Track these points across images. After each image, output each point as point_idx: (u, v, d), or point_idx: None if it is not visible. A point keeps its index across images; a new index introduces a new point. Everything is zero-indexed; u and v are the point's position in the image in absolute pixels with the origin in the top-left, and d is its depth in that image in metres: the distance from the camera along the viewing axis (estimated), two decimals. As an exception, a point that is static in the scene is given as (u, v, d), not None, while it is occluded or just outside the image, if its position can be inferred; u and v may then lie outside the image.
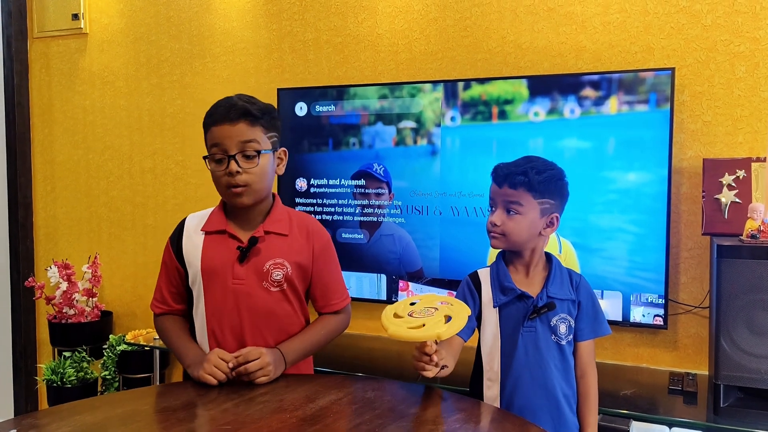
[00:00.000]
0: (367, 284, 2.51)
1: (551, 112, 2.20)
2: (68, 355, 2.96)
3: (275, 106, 2.56)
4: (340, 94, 2.53)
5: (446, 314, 1.35)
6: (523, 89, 2.24)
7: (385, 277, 2.48)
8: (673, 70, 2.06)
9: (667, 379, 2.10)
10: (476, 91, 2.31)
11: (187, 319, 1.59)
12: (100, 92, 3.19)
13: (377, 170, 2.47)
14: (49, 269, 3.02)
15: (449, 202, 2.37)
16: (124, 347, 2.87)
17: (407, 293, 2.44)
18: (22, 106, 3.30)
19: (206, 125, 1.50)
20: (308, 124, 2.58)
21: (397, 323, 1.34)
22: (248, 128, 1.46)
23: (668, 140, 2.05)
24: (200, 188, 2.98)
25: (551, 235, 1.54)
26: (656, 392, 2.02)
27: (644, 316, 2.12)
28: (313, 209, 2.59)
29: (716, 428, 1.77)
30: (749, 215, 1.84)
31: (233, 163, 1.44)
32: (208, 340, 1.51)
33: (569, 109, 2.18)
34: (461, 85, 2.33)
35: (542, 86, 2.22)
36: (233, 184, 1.45)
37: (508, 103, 2.26)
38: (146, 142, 3.10)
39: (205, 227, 1.54)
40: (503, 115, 2.27)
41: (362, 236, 2.52)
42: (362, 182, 2.50)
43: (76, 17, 3.17)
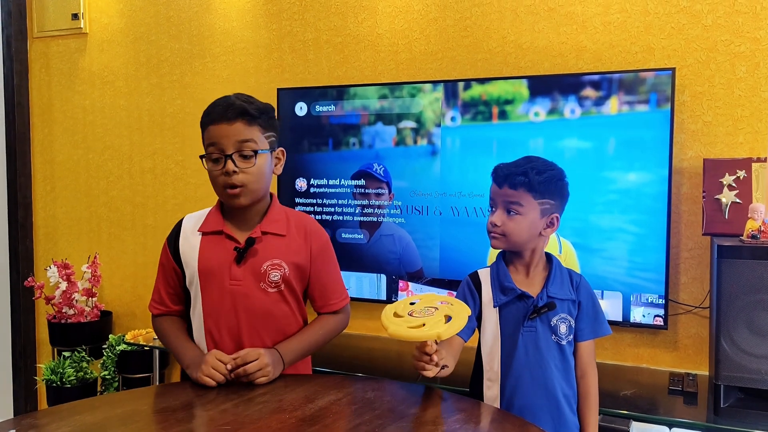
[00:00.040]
0: (366, 284, 2.50)
1: (551, 112, 2.20)
2: (68, 355, 2.96)
3: (275, 106, 2.57)
4: (340, 94, 2.52)
5: (446, 314, 1.35)
6: (523, 89, 2.24)
7: (384, 277, 2.48)
8: (673, 70, 2.06)
9: (667, 379, 2.10)
10: (476, 91, 2.30)
11: (185, 319, 1.58)
12: (99, 92, 3.19)
13: (377, 170, 2.47)
14: (48, 269, 3.01)
15: (449, 202, 2.36)
16: (123, 347, 2.87)
17: (407, 293, 2.44)
18: (21, 105, 3.30)
19: (203, 124, 1.49)
20: (308, 124, 2.57)
21: (397, 323, 1.34)
22: (245, 128, 1.45)
23: (669, 140, 2.05)
24: (200, 188, 2.98)
25: (551, 235, 1.54)
26: (656, 392, 2.02)
27: (644, 316, 2.12)
28: (312, 209, 2.58)
29: (716, 429, 1.77)
30: (750, 215, 1.84)
31: (230, 162, 1.44)
32: (205, 340, 1.51)
33: (570, 109, 2.18)
34: (461, 85, 2.33)
35: (543, 86, 2.21)
36: (230, 183, 1.45)
37: (508, 103, 2.26)
38: (146, 142, 3.10)
39: (202, 228, 1.54)
40: (503, 115, 2.27)
41: (362, 236, 2.51)
42: (362, 182, 2.50)
43: (75, 17, 3.17)
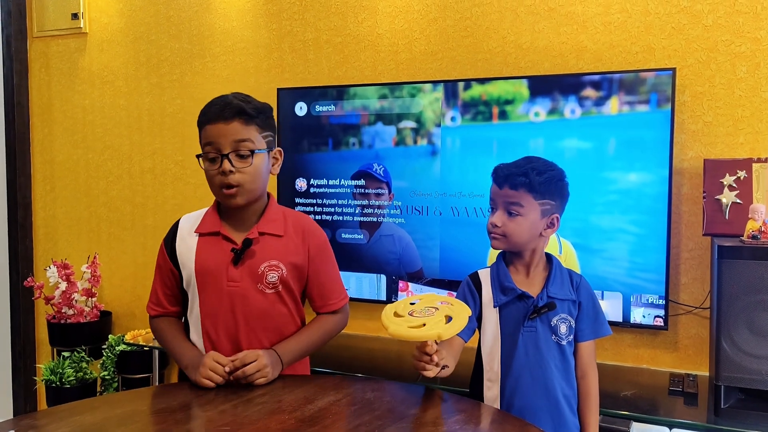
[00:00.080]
0: (366, 285, 2.50)
1: (552, 112, 2.20)
2: (67, 355, 2.95)
3: (275, 105, 2.58)
4: (340, 94, 2.52)
5: (447, 314, 1.35)
6: (523, 89, 2.24)
7: (384, 277, 2.48)
8: (674, 70, 2.06)
9: (667, 380, 2.09)
10: (476, 91, 2.30)
11: (182, 320, 1.58)
12: (99, 92, 3.19)
13: (377, 170, 2.46)
14: (48, 269, 3.01)
15: (449, 202, 2.36)
16: (123, 347, 2.87)
17: (407, 294, 2.44)
18: (21, 105, 3.30)
19: (200, 123, 1.48)
20: (308, 124, 2.57)
21: (397, 322, 1.34)
22: (242, 127, 1.44)
23: (669, 141, 2.05)
24: (200, 188, 2.98)
25: (551, 235, 1.54)
26: (657, 393, 2.02)
27: (644, 316, 2.11)
28: (312, 209, 2.58)
29: (717, 429, 1.77)
30: (750, 216, 1.84)
31: (226, 162, 1.43)
32: (203, 342, 1.50)
33: (570, 109, 2.17)
34: (461, 85, 2.33)
35: (543, 86, 2.21)
36: (226, 183, 1.44)
37: (508, 103, 2.25)
38: (146, 141, 3.10)
39: (198, 229, 1.53)
40: (504, 115, 2.26)
41: (362, 236, 2.51)
42: (362, 182, 2.50)
43: (75, 17, 3.17)
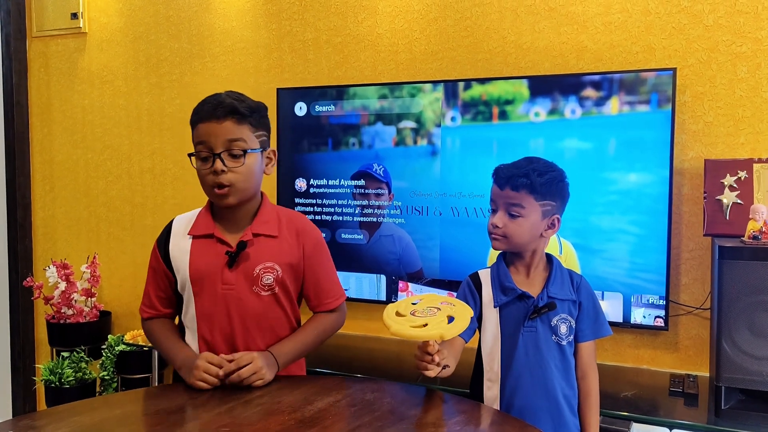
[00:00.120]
0: (366, 285, 2.50)
1: (552, 112, 2.19)
2: (66, 355, 2.94)
3: (275, 106, 2.57)
4: (339, 94, 2.52)
5: (449, 314, 1.34)
6: (523, 89, 2.23)
7: (384, 277, 2.47)
8: (674, 70, 2.06)
9: (667, 380, 2.09)
10: (477, 91, 2.30)
11: (175, 321, 1.57)
12: (99, 91, 3.18)
13: (377, 170, 2.46)
14: (47, 269, 3.00)
15: (449, 202, 2.36)
16: (122, 347, 2.86)
17: (407, 294, 2.43)
18: (20, 105, 3.29)
19: (193, 122, 1.47)
20: (308, 124, 2.57)
21: (399, 322, 1.33)
22: (235, 126, 1.43)
23: (669, 141, 2.04)
24: (199, 188, 2.92)
25: (552, 236, 1.54)
26: (657, 394, 2.01)
27: (645, 317, 2.11)
28: (312, 210, 2.58)
29: (717, 430, 1.76)
30: (751, 216, 1.84)
31: (218, 161, 1.42)
32: (198, 345, 1.49)
33: (570, 109, 2.17)
34: (461, 85, 2.32)
35: (543, 86, 2.21)
36: (218, 183, 1.43)
37: (508, 103, 2.25)
38: (145, 141, 3.09)
39: (192, 231, 1.52)
40: (504, 115, 2.26)
41: (362, 237, 2.51)
42: (362, 182, 2.49)
43: (75, 16, 3.16)
